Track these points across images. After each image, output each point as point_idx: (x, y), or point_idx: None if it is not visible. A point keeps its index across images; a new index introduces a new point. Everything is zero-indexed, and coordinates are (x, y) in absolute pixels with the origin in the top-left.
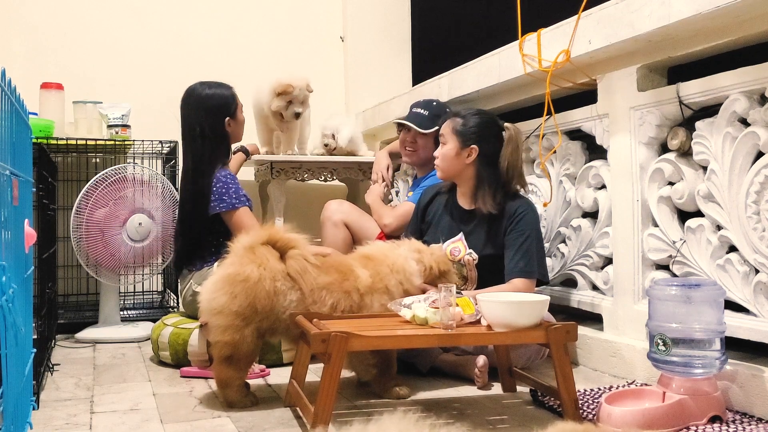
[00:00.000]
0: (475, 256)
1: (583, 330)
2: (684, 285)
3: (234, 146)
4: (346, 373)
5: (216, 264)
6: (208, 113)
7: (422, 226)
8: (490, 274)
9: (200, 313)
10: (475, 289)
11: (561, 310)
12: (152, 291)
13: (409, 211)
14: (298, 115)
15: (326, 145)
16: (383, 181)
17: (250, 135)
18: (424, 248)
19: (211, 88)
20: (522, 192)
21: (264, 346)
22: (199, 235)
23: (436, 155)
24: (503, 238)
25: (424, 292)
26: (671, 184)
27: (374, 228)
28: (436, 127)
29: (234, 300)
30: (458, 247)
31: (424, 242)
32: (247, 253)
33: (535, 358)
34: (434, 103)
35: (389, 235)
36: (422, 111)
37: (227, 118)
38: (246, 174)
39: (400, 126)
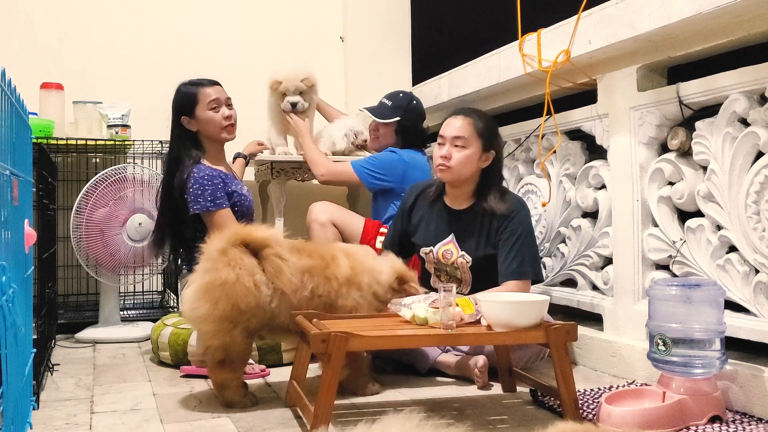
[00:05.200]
0: (468, 258)
1: (583, 330)
2: (684, 285)
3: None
4: None
5: None
6: (172, 111)
7: (408, 228)
8: (485, 275)
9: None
10: (469, 290)
11: (561, 310)
12: (152, 291)
13: (343, 171)
14: (293, 106)
15: (365, 141)
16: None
17: (256, 135)
18: (397, 260)
19: (184, 85)
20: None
21: (264, 346)
22: (184, 234)
23: (446, 155)
24: (495, 237)
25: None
26: (671, 184)
27: (360, 225)
28: (397, 118)
29: (216, 306)
30: (450, 249)
31: (411, 244)
32: (221, 257)
33: (535, 359)
34: (400, 95)
35: (323, 183)
36: (386, 101)
37: (183, 117)
38: (246, 174)
39: None
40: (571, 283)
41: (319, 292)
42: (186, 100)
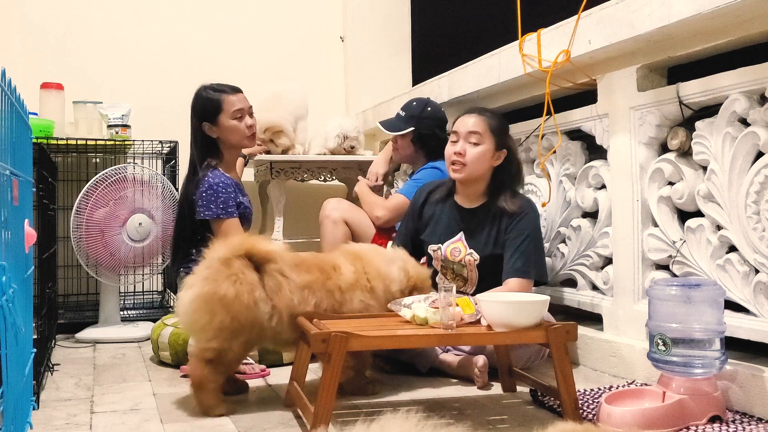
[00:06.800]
0: (476, 256)
1: (583, 330)
2: (684, 285)
3: None
4: None
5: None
6: (192, 116)
7: (419, 225)
8: (492, 274)
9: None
10: (474, 290)
11: (561, 310)
12: (152, 291)
13: (400, 204)
14: (268, 152)
15: (353, 147)
16: (376, 180)
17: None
18: (410, 260)
19: (206, 90)
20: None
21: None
22: (191, 237)
23: (460, 152)
24: (504, 236)
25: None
26: (671, 184)
27: (372, 225)
28: (411, 128)
29: (215, 318)
30: (458, 247)
31: (421, 242)
32: (223, 268)
33: (535, 359)
34: (413, 103)
35: (381, 227)
36: (400, 112)
37: (204, 123)
38: (246, 174)
39: None
40: (571, 283)
41: (323, 306)
42: (210, 107)
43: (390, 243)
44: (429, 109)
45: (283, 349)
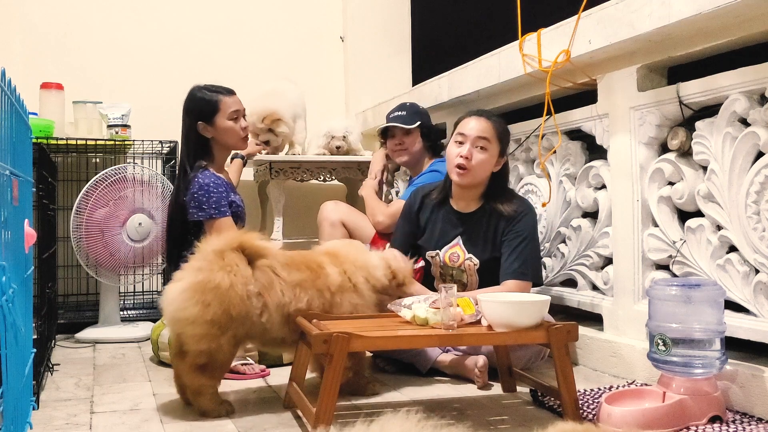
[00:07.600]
0: (475, 261)
1: (583, 330)
2: (684, 285)
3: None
4: None
5: None
6: (186, 115)
7: (416, 230)
8: (493, 278)
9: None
10: None
11: (561, 310)
12: (152, 291)
13: (401, 209)
14: (266, 143)
15: (338, 148)
16: (376, 178)
17: None
18: (389, 253)
19: (201, 90)
20: None
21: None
22: (183, 238)
23: (467, 155)
24: (501, 238)
25: (384, 291)
26: (671, 184)
27: (371, 228)
28: (419, 121)
29: (207, 309)
30: (456, 252)
31: (418, 247)
32: (216, 259)
33: (535, 359)
34: (408, 104)
35: (382, 233)
36: (400, 112)
37: (199, 122)
38: (245, 174)
39: (384, 135)
40: (571, 283)
41: (315, 305)
42: (207, 107)
43: (388, 245)
44: (422, 107)
45: (270, 349)
